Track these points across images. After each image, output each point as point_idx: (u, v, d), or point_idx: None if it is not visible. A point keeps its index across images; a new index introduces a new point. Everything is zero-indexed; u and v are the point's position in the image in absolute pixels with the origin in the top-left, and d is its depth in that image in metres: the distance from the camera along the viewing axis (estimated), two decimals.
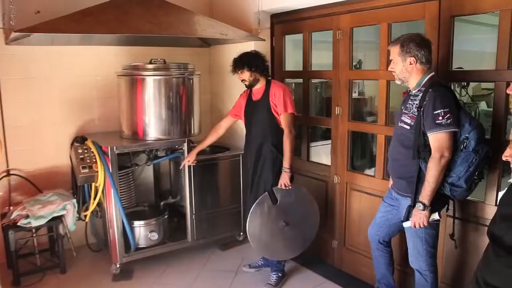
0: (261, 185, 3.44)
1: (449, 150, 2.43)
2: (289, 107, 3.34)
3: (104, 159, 3.52)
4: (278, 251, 3.52)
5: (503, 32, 2.56)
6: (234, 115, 3.68)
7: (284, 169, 3.35)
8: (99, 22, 3.16)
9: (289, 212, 3.46)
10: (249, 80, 3.40)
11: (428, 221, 2.54)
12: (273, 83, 3.45)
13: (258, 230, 3.39)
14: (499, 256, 1.46)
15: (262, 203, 3.38)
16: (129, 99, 3.75)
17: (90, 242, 4.07)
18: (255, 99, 3.47)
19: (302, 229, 3.54)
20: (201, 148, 3.76)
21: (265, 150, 3.40)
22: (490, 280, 1.48)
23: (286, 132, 3.33)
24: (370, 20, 3.33)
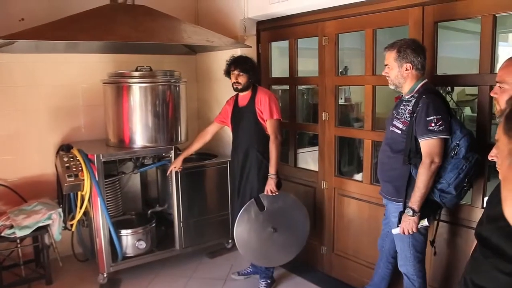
0: (247, 191, 3.44)
1: (439, 156, 2.45)
2: (275, 113, 3.34)
3: (90, 167, 3.49)
4: (268, 257, 3.51)
5: (485, 37, 2.60)
6: (221, 121, 3.67)
7: (270, 175, 3.34)
8: (84, 29, 3.14)
9: (277, 218, 3.45)
10: (243, 85, 3.39)
11: (417, 227, 2.55)
12: (259, 89, 3.45)
13: (246, 236, 3.37)
14: (487, 257, 1.47)
15: (249, 209, 3.36)
16: (115, 107, 3.72)
17: (76, 251, 4.01)
18: (241, 105, 3.47)
19: (292, 235, 3.53)
20: (187, 154, 3.73)
21: (251, 156, 3.40)
22: (477, 281, 1.48)
23: (272, 138, 3.34)
24: (355, 26, 3.36)
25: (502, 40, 6.03)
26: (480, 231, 1.54)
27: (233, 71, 3.39)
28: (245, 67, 3.36)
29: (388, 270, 3.04)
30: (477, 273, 1.49)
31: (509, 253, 1.33)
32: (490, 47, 2.58)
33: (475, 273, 1.51)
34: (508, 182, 0.72)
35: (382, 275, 3.07)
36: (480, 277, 1.46)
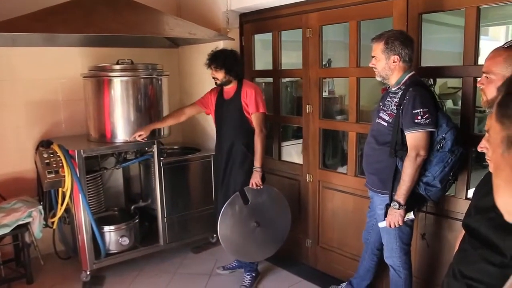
0: (232, 185, 3.42)
1: (425, 149, 2.45)
2: (260, 106, 3.33)
3: (71, 163, 3.42)
4: (250, 252, 3.49)
5: (469, 28, 2.61)
6: (202, 105, 3.61)
7: (255, 169, 3.33)
8: (63, 21, 3.07)
9: (260, 213, 3.44)
10: (221, 81, 3.36)
11: (403, 220, 2.56)
12: (245, 83, 3.42)
13: (229, 231, 3.35)
14: (476, 248, 1.47)
15: (233, 203, 3.34)
16: (96, 101, 3.65)
17: (58, 249, 3.93)
18: (226, 97, 3.43)
19: (274, 230, 3.52)
20: (158, 126, 3.70)
21: (236, 149, 3.38)
22: (466, 272, 1.48)
23: (257, 131, 3.32)
24: (339, 18, 3.34)
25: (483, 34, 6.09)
26: (469, 222, 1.54)
27: (210, 67, 3.37)
28: (219, 62, 3.30)
29: (373, 262, 3.05)
30: (465, 264, 1.49)
31: (498, 244, 1.32)
32: (474, 39, 2.59)
33: (463, 264, 1.51)
34: (501, 171, 0.71)
35: (367, 267, 3.08)
36: (469, 268, 1.46)
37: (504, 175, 0.71)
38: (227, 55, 3.34)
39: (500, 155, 0.70)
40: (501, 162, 0.71)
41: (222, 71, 3.31)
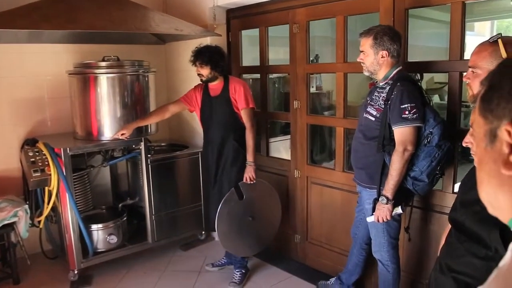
0: (225, 181, 3.41)
1: (412, 144, 2.46)
2: (250, 101, 3.33)
3: (57, 162, 3.38)
4: (247, 246, 3.52)
5: (454, 23, 2.62)
6: (186, 102, 3.57)
7: (248, 163, 3.35)
8: (48, 17, 3.01)
9: (254, 206, 3.47)
10: (207, 77, 3.33)
11: (391, 214, 2.57)
12: (232, 79, 3.42)
13: (227, 229, 3.36)
14: (462, 241, 1.48)
15: (229, 200, 3.34)
16: (82, 99, 3.61)
17: (45, 249, 3.88)
18: (213, 94, 3.41)
19: (267, 221, 3.55)
20: (141, 124, 3.64)
21: (228, 145, 3.37)
22: (453, 266, 1.49)
23: (249, 126, 3.33)
24: (326, 13, 3.34)
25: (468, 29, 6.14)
26: (454, 216, 1.55)
27: (194, 63, 3.34)
28: (204, 58, 3.27)
29: (361, 257, 3.06)
30: (452, 258, 1.50)
31: (483, 237, 1.34)
32: (460, 34, 2.61)
33: (450, 258, 1.52)
34: (484, 164, 0.71)
35: (356, 262, 3.09)
36: (455, 262, 1.47)
37: (487, 168, 0.71)
38: (212, 51, 3.32)
39: (483, 149, 0.71)
40: (485, 156, 0.71)
41: (207, 68, 3.28)
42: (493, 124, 0.67)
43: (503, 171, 0.66)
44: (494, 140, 0.68)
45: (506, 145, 0.65)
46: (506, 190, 0.68)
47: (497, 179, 0.69)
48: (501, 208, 0.71)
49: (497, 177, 0.69)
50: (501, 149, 0.66)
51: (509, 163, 0.65)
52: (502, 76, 0.67)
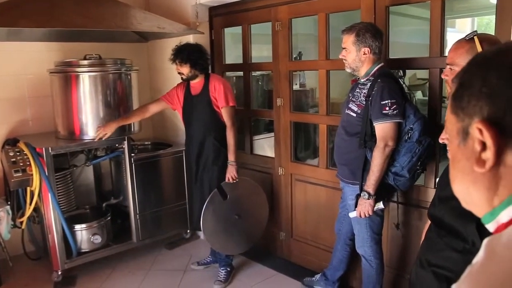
0: (206, 181, 3.40)
1: (393, 139, 2.48)
2: (230, 100, 3.31)
3: (38, 161, 3.34)
4: (235, 244, 3.54)
5: (434, 20, 2.66)
6: (167, 100, 3.54)
7: (230, 162, 3.34)
8: (26, 15, 2.98)
9: (239, 205, 3.48)
10: (187, 75, 3.31)
11: (373, 210, 2.59)
12: (212, 76, 3.40)
13: (213, 229, 3.36)
14: (441, 236, 1.51)
15: (213, 201, 3.33)
16: (64, 97, 3.57)
17: (28, 250, 3.84)
18: (194, 93, 3.39)
19: (254, 218, 3.58)
20: (122, 123, 3.58)
21: (208, 144, 3.36)
22: (433, 260, 1.52)
23: (229, 125, 3.31)
24: (308, 10, 3.35)
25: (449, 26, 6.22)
26: (433, 212, 1.58)
27: (174, 62, 3.30)
28: (183, 57, 3.24)
29: (346, 253, 3.08)
30: (432, 253, 1.53)
31: (462, 231, 1.36)
32: (440, 31, 2.64)
33: (430, 253, 1.55)
34: (457, 161, 0.72)
35: (340, 258, 3.11)
36: (435, 257, 1.50)
37: (461, 166, 0.72)
38: (191, 49, 3.29)
39: (456, 146, 0.72)
40: (457, 153, 0.72)
41: (187, 66, 3.26)
42: (465, 122, 0.68)
43: (475, 168, 0.67)
44: (466, 138, 0.69)
45: (477, 142, 0.66)
46: (479, 186, 0.69)
47: (470, 176, 0.70)
48: (474, 204, 0.72)
49: (470, 174, 0.70)
50: (473, 147, 0.67)
51: (481, 161, 0.66)
52: (472, 74, 0.68)
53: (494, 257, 0.58)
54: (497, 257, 0.58)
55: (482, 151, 0.66)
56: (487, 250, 0.60)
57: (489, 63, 0.66)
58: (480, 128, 0.65)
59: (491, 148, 0.64)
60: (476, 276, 0.57)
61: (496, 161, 0.65)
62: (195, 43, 3.41)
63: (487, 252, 0.59)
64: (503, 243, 0.59)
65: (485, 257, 0.59)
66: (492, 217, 0.68)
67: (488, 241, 0.61)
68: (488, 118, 0.64)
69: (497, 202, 0.67)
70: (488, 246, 0.60)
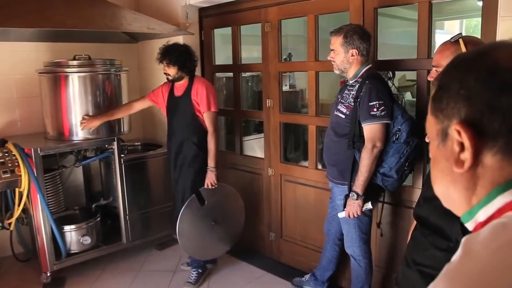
0: (181, 184, 3.38)
1: (381, 140, 2.51)
2: (212, 105, 3.25)
3: (27, 162, 3.32)
4: (210, 250, 3.51)
5: (422, 22, 2.69)
6: (152, 100, 3.52)
7: (210, 168, 3.29)
8: (16, 15, 2.96)
9: (216, 211, 3.44)
10: (173, 77, 3.26)
11: (362, 210, 2.62)
12: (196, 79, 3.34)
13: (189, 234, 3.33)
14: (426, 235, 1.53)
15: (190, 206, 3.29)
16: (53, 98, 3.55)
17: (16, 252, 3.82)
18: (177, 94, 3.35)
19: (230, 224, 3.54)
20: (107, 119, 3.55)
21: (186, 148, 3.31)
22: (418, 259, 1.54)
23: (211, 130, 3.26)
24: (298, 12, 3.37)
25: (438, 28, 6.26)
26: (419, 211, 1.60)
27: (161, 62, 3.25)
28: (172, 58, 3.19)
29: (335, 253, 3.10)
30: (417, 252, 1.55)
31: (446, 230, 1.38)
32: (427, 32, 2.67)
33: (415, 252, 1.57)
34: (437, 162, 0.74)
35: (329, 258, 3.13)
36: (420, 256, 1.52)
37: (441, 166, 0.74)
38: (180, 50, 3.25)
39: (436, 147, 0.73)
40: (438, 154, 0.74)
41: (175, 67, 3.21)
42: (444, 123, 0.70)
43: (454, 168, 0.69)
44: (445, 139, 0.70)
45: (456, 143, 0.68)
46: (458, 186, 0.71)
47: (449, 177, 0.72)
48: (454, 204, 0.74)
49: (450, 175, 0.71)
50: (452, 148, 0.69)
51: (460, 161, 0.68)
52: (450, 77, 0.70)
53: (470, 255, 0.60)
54: (473, 255, 0.59)
55: (460, 152, 0.68)
56: (464, 248, 0.61)
57: (466, 66, 0.68)
58: (458, 130, 0.66)
59: (469, 149, 0.66)
60: (452, 274, 0.59)
61: (474, 161, 0.67)
62: (183, 43, 3.38)
63: (464, 251, 0.61)
64: (479, 241, 0.61)
65: (461, 255, 0.60)
66: (471, 216, 0.70)
67: (465, 239, 0.63)
68: (466, 120, 0.66)
69: (475, 201, 0.69)
70: (465, 245, 0.62)
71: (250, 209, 3.97)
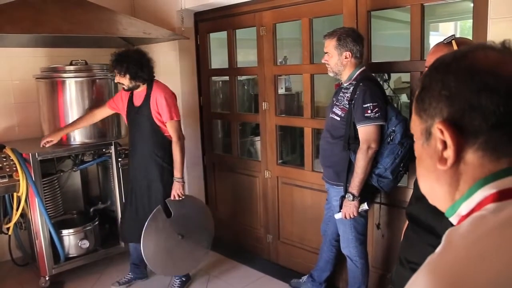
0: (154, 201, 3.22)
1: (376, 142, 2.54)
2: (174, 114, 3.11)
3: (25, 167, 3.34)
4: (178, 265, 3.40)
5: (414, 25, 2.72)
6: (112, 107, 3.39)
7: (176, 179, 3.17)
8: (12, 21, 2.98)
9: (182, 223, 3.32)
10: (127, 86, 3.11)
11: (358, 211, 2.64)
12: (155, 86, 3.15)
13: (153, 249, 3.22)
14: (418, 233, 1.56)
15: (156, 219, 3.17)
16: (50, 103, 3.58)
17: (15, 256, 3.83)
18: (136, 104, 3.19)
19: (198, 238, 3.44)
20: (69, 130, 3.46)
21: (151, 163, 3.18)
22: (411, 258, 1.57)
23: (175, 140, 3.13)
24: (292, 15, 3.40)
25: (433, 30, 6.30)
26: (411, 211, 1.63)
27: (112, 71, 3.12)
28: (122, 69, 3.02)
29: (332, 254, 3.12)
30: (409, 250, 1.58)
31: (437, 228, 1.41)
32: (420, 34, 2.70)
33: (408, 250, 1.60)
34: (422, 160, 0.77)
35: (326, 259, 3.15)
36: (412, 254, 1.55)
37: (425, 164, 0.77)
38: (131, 58, 3.04)
39: (420, 146, 0.76)
40: (422, 152, 0.77)
41: (126, 77, 3.05)
42: (428, 123, 0.73)
43: (438, 166, 0.72)
44: (429, 138, 0.74)
45: (439, 142, 0.71)
46: (442, 183, 0.74)
47: (434, 174, 0.75)
48: (438, 200, 0.77)
49: (434, 172, 0.74)
50: (435, 146, 0.72)
51: (443, 159, 0.71)
52: (432, 78, 0.73)
53: (450, 246, 0.63)
54: (453, 246, 0.62)
55: (443, 150, 0.71)
56: (445, 240, 0.64)
57: (447, 68, 0.71)
58: (441, 128, 0.69)
59: (451, 147, 0.69)
60: (433, 264, 0.61)
61: (457, 158, 0.70)
62: (135, 49, 3.21)
63: (445, 243, 0.64)
64: (459, 233, 0.64)
65: (442, 247, 0.63)
66: (453, 210, 0.73)
67: (447, 232, 0.66)
68: (448, 119, 0.69)
69: (458, 196, 0.72)
70: (447, 237, 0.65)
71: (247, 212, 4.01)
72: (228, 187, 4.17)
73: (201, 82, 4.24)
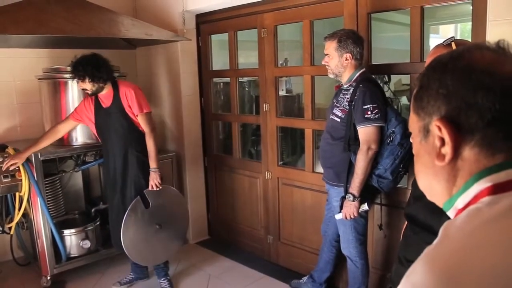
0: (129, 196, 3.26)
1: (376, 143, 2.56)
2: (144, 106, 3.16)
3: (28, 167, 3.36)
4: (155, 256, 3.43)
5: (414, 27, 2.75)
6: (76, 119, 3.36)
7: (152, 170, 3.21)
8: (15, 22, 3.01)
9: (161, 214, 3.38)
10: (91, 90, 3.11)
11: (358, 211, 2.66)
12: (121, 84, 3.21)
13: (133, 239, 3.26)
14: (416, 233, 1.57)
15: (135, 209, 3.22)
16: (53, 104, 3.61)
17: (16, 256, 3.85)
18: (105, 106, 3.20)
19: (175, 228, 3.51)
20: (33, 150, 3.33)
21: (131, 159, 3.22)
22: (409, 257, 1.58)
23: (148, 131, 3.19)
24: (293, 17, 3.43)
25: (433, 32, 6.33)
26: (409, 210, 1.65)
27: (74, 79, 3.16)
28: (79, 74, 3.04)
29: (332, 254, 3.14)
30: (408, 250, 1.60)
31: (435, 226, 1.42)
32: (419, 37, 2.72)
33: (407, 250, 1.62)
34: (420, 157, 0.79)
35: (326, 260, 3.17)
36: (411, 253, 1.56)
37: (423, 161, 0.79)
38: (86, 62, 3.06)
39: (419, 143, 0.79)
40: (420, 149, 0.79)
41: (86, 81, 3.07)
42: (425, 120, 0.75)
43: (436, 162, 0.74)
44: (427, 135, 0.76)
45: (437, 139, 0.73)
46: (439, 179, 0.76)
47: (431, 170, 0.77)
48: (436, 195, 0.80)
49: (432, 168, 0.77)
50: (433, 143, 0.74)
51: (441, 155, 0.73)
52: (429, 77, 0.75)
53: (447, 238, 0.65)
54: (449, 238, 0.64)
55: (441, 147, 0.73)
56: (442, 232, 0.67)
57: (444, 67, 0.73)
58: (439, 126, 0.72)
59: (449, 144, 0.71)
60: (430, 255, 0.64)
61: (454, 155, 0.72)
62: (92, 53, 3.16)
63: (442, 234, 0.66)
64: (456, 225, 0.66)
65: (439, 238, 0.66)
66: (450, 204, 0.76)
67: (445, 224, 0.68)
68: (445, 116, 0.71)
69: (455, 191, 0.74)
70: (444, 229, 0.67)
71: (248, 213, 4.02)
72: (229, 188, 4.19)
73: (202, 84, 4.27)
